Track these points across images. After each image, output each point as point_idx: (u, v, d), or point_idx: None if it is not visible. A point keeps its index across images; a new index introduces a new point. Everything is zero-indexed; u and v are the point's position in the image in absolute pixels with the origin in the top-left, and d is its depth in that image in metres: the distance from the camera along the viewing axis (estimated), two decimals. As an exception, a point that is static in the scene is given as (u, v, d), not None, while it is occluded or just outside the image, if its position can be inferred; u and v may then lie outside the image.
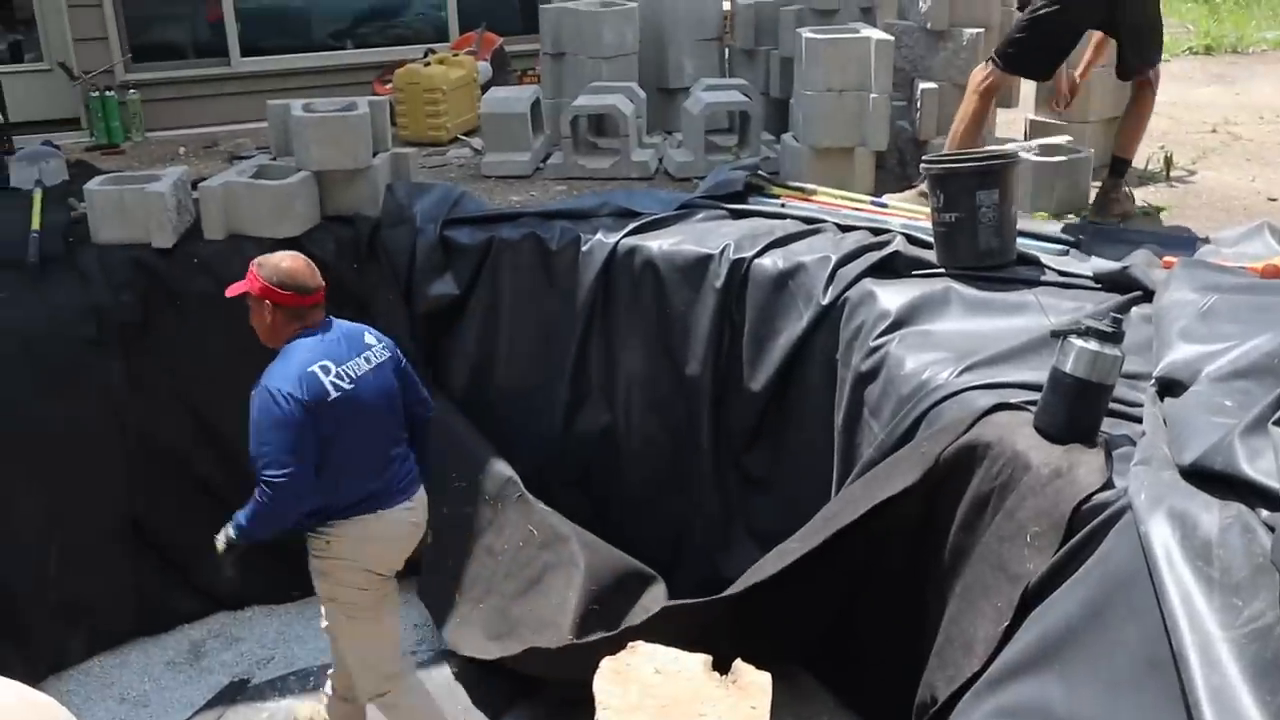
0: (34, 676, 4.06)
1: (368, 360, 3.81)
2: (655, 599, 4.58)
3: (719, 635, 3.85)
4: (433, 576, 5.31)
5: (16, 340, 4.93)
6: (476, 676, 4.85)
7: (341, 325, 3.87)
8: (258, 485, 3.62)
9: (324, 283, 3.84)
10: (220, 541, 3.76)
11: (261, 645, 5.25)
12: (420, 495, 3.99)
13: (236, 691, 4.89)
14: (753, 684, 3.53)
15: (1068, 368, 3.39)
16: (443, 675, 4.93)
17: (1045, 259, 4.72)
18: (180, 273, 5.04)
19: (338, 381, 3.68)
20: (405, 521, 3.91)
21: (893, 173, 6.49)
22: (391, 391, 3.89)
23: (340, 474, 3.72)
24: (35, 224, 5.35)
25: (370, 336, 3.91)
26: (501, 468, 5.12)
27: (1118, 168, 5.64)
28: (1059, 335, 3.55)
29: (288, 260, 3.79)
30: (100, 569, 5.19)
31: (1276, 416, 2.88)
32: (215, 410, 5.22)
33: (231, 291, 3.82)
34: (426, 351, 5.50)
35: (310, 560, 3.93)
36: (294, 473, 3.56)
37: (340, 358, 3.73)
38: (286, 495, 3.59)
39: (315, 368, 3.66)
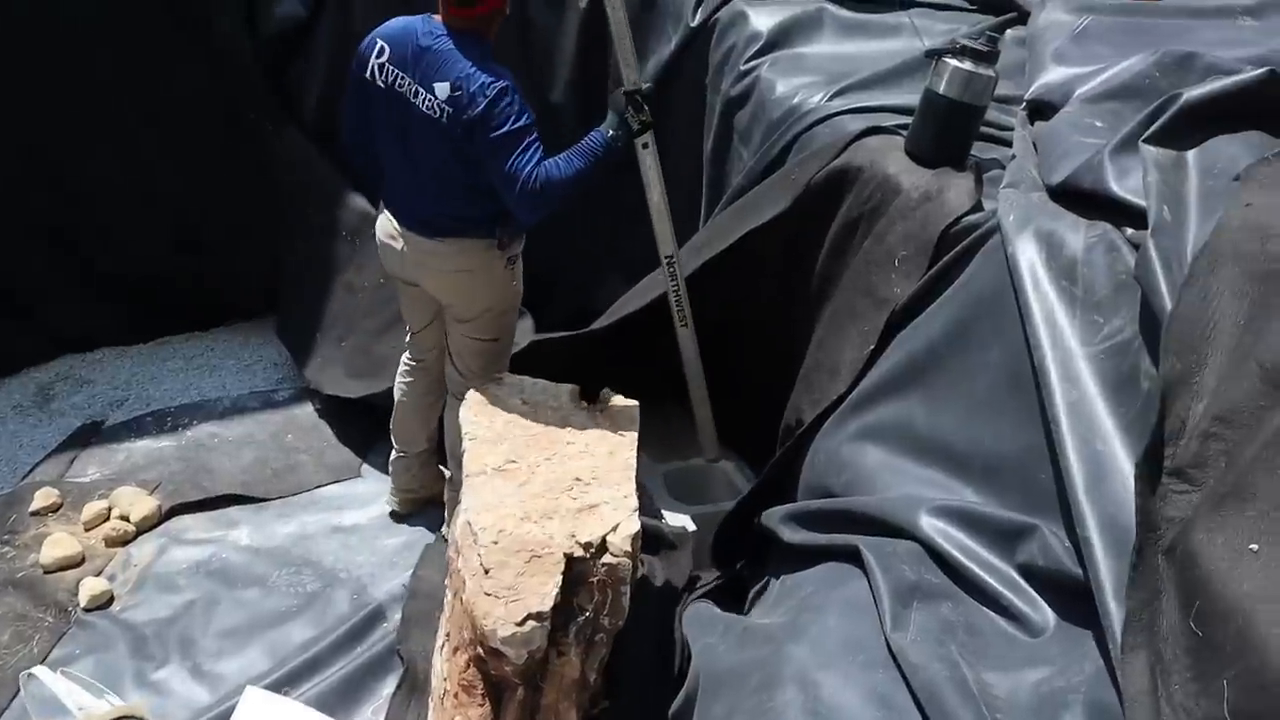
0: None
1: None
2: (522, 332, 4.51)
3: (588, 367, 3.82)
4: (290, 314, 5.17)
5: None
6: (340, 413, 4.79)
7: None
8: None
9: None
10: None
11: (113, 387, 5.07)
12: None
13: (90, 434, 4.74)
14: (620, 413, 3.53)
15: (941, 88, 3.32)
16: (305, 413, 4.87)
17: (922, -21, 4.57)
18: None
19: None
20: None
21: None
22: None
23: None
24: None
25: None
26: (358, 202, 4.90)
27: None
28: (933, 55, 3.47)
29: None
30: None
31: (1146, 135, 2.86)
32: (53, 145, 4.89)
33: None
34: (274, 80, 5.17)
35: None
36: None
37: None
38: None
39: None
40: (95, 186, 5.02)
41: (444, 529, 4.06)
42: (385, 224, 3.77)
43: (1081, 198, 2.89)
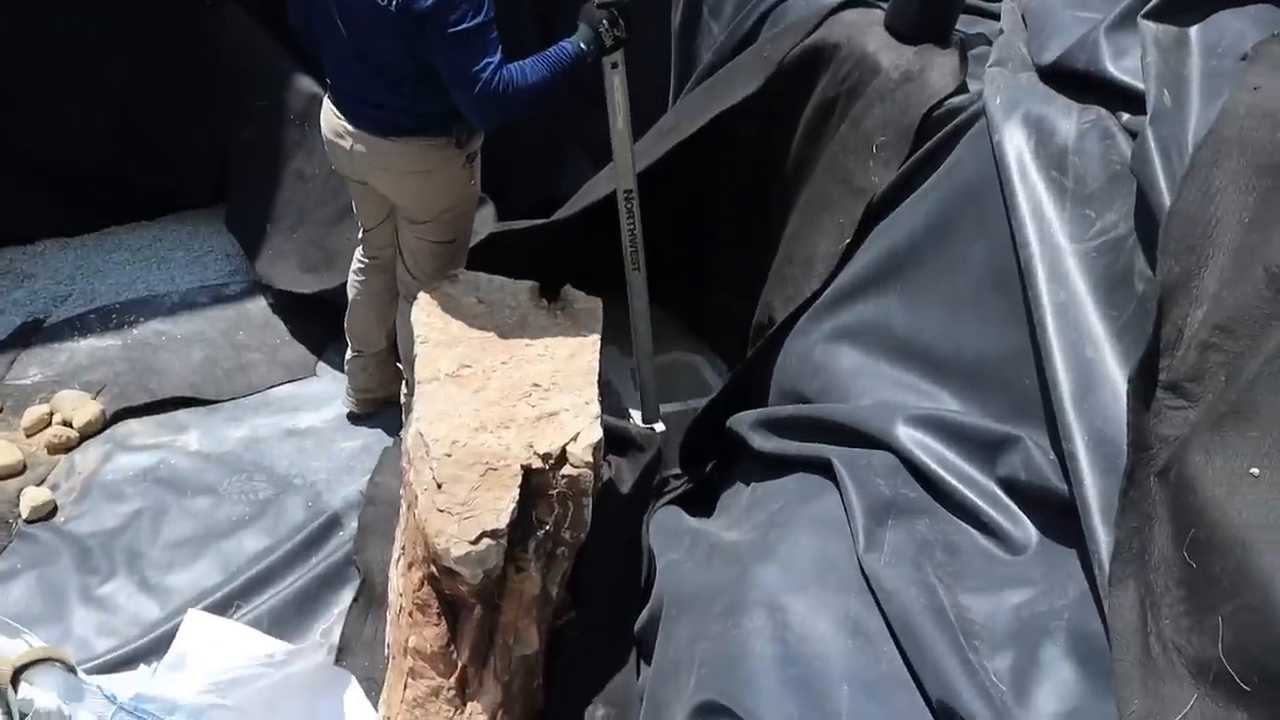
0: None
1: None
2: (482, 221, 4.29)
3: (552, 259, 3.63)
4: (240, 205, 4.92)
5: None
6: (295, 308, 4.58)
7: None
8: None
9: None
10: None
11: (56, 281, 4.80)
12: None
13: (31, 332, 4.50)
14: (583, 311, 3.34)
15: (923, -43, 3.08)
16: (258, 309, 4.64)
17: None
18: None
19: None
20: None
21: None
22: None
23: None
24: None
25: None
26: (306, 83, 4.60)
27: None
28: (917, -79, 3.21)
29: None
30: None
31: (1145, 9, 2.62)
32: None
33: None
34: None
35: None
36: None
37: None
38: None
39: None
40: (26, 71, 4.69)
41: (402, 432, 3.89)
42: (331, 119, 3.47)
43: (1074, 79, 2.67)
